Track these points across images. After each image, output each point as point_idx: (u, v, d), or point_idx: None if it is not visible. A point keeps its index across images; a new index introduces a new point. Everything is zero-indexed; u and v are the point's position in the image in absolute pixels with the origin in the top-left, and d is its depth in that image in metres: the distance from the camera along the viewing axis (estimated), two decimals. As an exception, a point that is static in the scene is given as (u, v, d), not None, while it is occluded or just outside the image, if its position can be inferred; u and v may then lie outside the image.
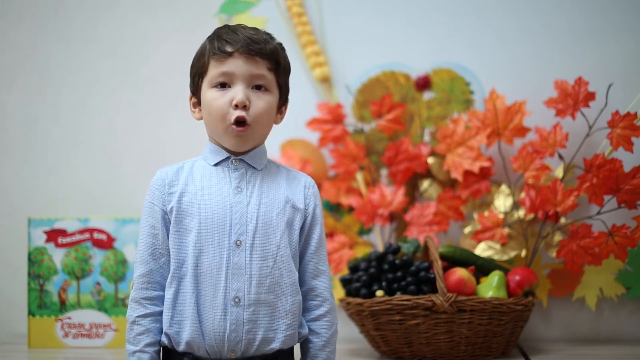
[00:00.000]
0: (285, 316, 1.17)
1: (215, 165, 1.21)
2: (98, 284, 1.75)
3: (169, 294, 1.16)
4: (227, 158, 1.21)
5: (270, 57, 1.19)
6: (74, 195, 1.95)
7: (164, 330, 1.17)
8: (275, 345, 1.17)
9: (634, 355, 1.59)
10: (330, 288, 1.24)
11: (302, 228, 1.22)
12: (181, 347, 1.16)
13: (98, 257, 1.75)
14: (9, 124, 1.98)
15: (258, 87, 1.19)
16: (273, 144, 1.89)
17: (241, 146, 1.20)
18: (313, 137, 1.86)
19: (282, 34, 1.87)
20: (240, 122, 1.17)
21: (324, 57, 1.88)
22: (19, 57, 1.99)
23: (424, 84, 1.84)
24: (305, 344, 1.23)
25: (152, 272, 1.18)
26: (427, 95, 1.85)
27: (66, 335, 1.74)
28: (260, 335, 1.15)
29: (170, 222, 1.18)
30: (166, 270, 1.18)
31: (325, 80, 1.88)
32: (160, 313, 1.18)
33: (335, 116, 1.83)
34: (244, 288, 1.15)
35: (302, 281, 1.22)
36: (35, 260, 1.75)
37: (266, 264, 1.16)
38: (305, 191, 1.23)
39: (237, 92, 1.17)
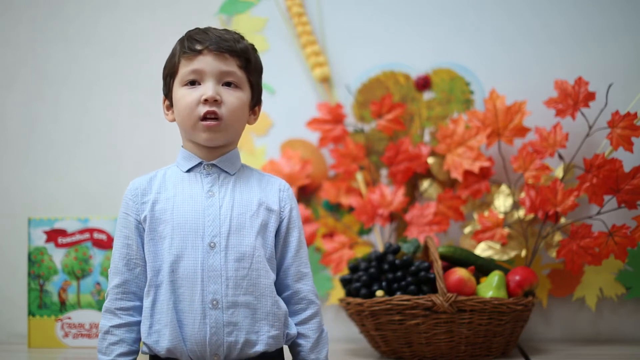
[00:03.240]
0: (267, 317, 1.16)
1: (188, 171, 1.21)
2: (98, 284, 1.75)
3: (147, 303, 1.16)
4: (200, 164, 1.21)
5: (239, 54, 1.19)
6: (74, 195, 1.95)
7: (142, 341, 1.16)
8: (259, 347, 1.15)
9: (634, 355, 1.59)
10: (314, 290, 1.23)
11: (278, 231, 1.21)
12: (162, 354, 1.15)
13: (98, 257, 1.75)
14: (9, 124, 1.98)
15: (228, 84, 1.19)
16: (273, 144, 1.89)
17: (213, 140, 1.19)
18: (313, 137, 1.86)
19: (282, 34, 1.88)
20: (209, 117, 1.17)
21: (324, 57, 1.88)
22: (19, 57, 1.99)
23: (424, 84, 1.84)
24: (294, 347, 1.22)
25: (127, 282, 1.17)
26: (427, 95, 1.85)
27: (66, 335, 1.74)
28: (242, 338, 1.14)
29: (144, 232, 1.18)
30: (141, 280, 1.18)
31: (325, 80, 1.88)
32: (136, 323, 1.17)
33: (335, 116, 1.83)
34: (221, 290, 1.14)
35: (285, 285, 1.22)
36: (35, 260, 1.75)
37: (242, 265, 1.15)
38: (280, 194, 1.23)
39: (207, 88, 1.17)
